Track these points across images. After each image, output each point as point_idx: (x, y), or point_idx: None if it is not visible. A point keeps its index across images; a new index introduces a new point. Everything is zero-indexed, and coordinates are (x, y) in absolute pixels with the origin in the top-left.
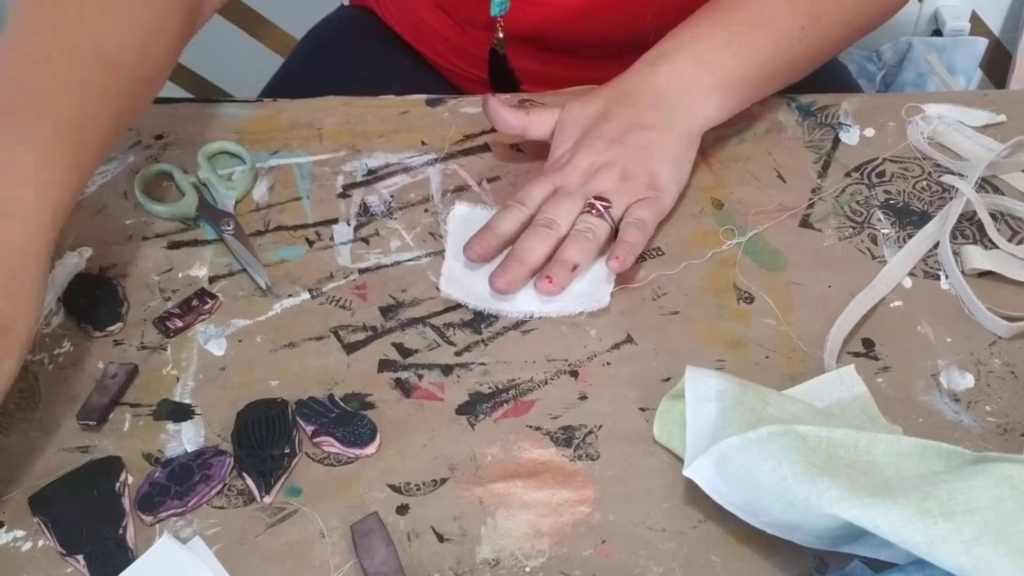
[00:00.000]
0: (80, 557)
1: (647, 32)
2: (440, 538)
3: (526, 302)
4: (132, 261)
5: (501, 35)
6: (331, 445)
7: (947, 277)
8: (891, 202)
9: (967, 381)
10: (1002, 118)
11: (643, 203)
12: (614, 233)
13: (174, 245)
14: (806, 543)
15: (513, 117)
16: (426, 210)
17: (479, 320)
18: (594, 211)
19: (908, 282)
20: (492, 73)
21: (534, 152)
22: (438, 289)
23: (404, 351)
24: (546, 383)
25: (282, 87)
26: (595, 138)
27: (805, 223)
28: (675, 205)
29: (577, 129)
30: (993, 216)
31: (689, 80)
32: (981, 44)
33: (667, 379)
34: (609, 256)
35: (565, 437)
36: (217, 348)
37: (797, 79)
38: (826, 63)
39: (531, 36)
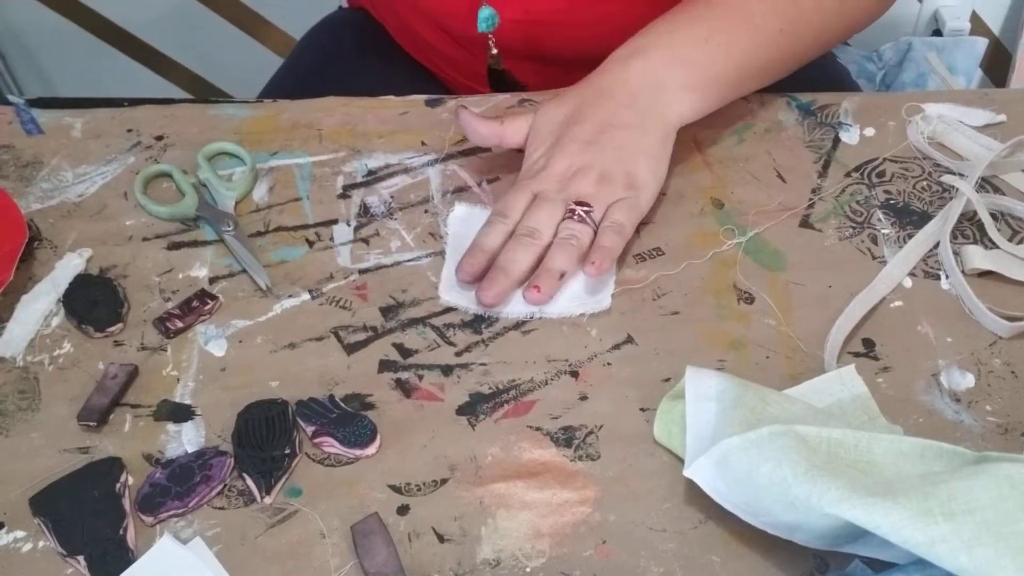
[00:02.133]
0: (81, 558)
1: None
2: (440, 539)
3: (527, 304)
4: (132, 262)
5: (495, 51)
6: (331, 446)
7: (947, 277)
8: (891, 202)
9: (967, 381)
10: (1002, 118)
11: (620, 205)
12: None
13: (174, 246)
14: (807, 543)
15: (487, 128)
16: (426, 211)
17: (479, 320)
18: (575, 216)
19: (908, 282)
20: (494, 87)
21: None
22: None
23: (404, 351)
24: (546, 383)
25: (281, 87)
26: (569, 141)
27: (805, 223)
28: (675, 205)
29: (550, 132)
30: (993, 216)
31: (663, 76)
32: (981, 44)
33: (667, 379)
34: (586, 262)
35: (565, 437)
36: (217, 349)
37: (768, 83)
38: (825, 63)
39: (524, 52)
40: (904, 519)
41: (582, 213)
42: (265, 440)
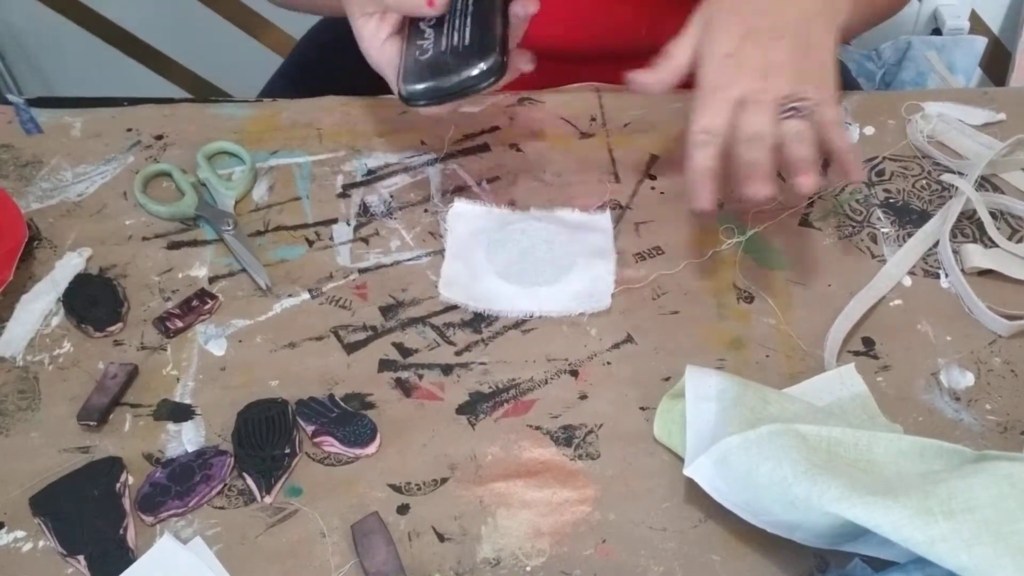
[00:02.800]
0: (81, 558)
1: (640, 39)
2: (441, 538)
3: (526, 302)
4: (132, 261)
5: None
6: (331, 445)
7: (947, 276)
8: (891, 201)
9: (967, 380)
10: (1002, 116)
11: (823, 105)
12: None
13: (174, 245)
14: (807, 542)
15: (666, 73)
16: (426, 210)
17: (479, 320)
18: (798, 114)
19: (908, 281)
20: None
21: (535, 151)
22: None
23: (404, 351)
24: (546, 382)
25: (281, 87)
26: (758, 32)
27: (805, 222)
28: (675, 204)
29: (724, 25)
30: (993, 214)
31: None
32: (980, 43)
33: (667, 378)
34: (846, 171)
35: (565, 436)
36: (217, 348)
37: (875, 22)
38: None
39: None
40: (904, 518)
41: (803, 108)
42: (265, 439)
